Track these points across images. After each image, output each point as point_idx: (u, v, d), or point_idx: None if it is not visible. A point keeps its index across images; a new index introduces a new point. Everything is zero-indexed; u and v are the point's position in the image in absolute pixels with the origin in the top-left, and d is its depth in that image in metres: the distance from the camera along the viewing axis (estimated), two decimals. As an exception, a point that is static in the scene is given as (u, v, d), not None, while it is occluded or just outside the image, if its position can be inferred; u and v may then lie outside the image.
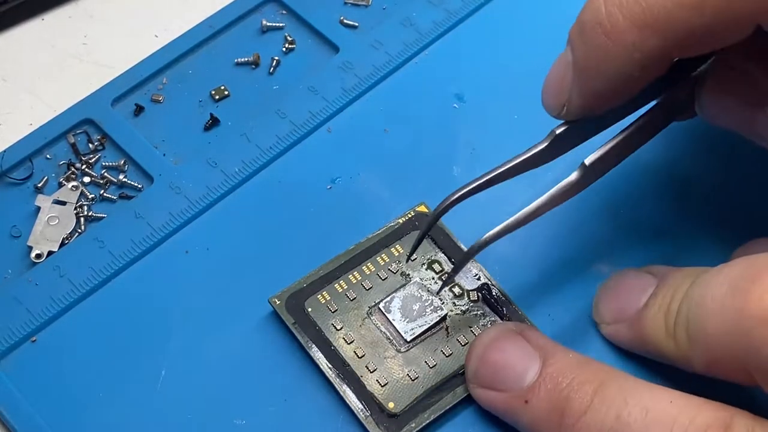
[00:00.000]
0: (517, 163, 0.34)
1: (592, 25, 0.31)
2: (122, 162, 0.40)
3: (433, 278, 0.37)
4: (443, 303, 0.36)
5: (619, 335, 0.35)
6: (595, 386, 0.31)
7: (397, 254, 0.37)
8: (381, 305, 0.36)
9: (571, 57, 0.32)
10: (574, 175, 0.34)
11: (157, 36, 0.44)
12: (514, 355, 0.33)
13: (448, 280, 0.36)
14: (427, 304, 0.36)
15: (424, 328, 0.36)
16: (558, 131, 0.34)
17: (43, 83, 0.43)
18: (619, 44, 0.31)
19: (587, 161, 0.34)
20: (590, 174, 0.34)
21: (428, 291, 0.36)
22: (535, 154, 0.34)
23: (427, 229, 0.35)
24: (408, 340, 0.35)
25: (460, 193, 0.34)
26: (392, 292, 0.36)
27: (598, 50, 0.31)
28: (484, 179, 0.34)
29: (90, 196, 0.40)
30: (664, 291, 0.33)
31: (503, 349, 0.33)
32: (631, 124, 0.34)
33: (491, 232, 0.34)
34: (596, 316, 0.36)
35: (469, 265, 0.37)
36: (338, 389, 0.35)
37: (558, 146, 0.34)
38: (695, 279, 0.31)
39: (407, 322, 0.36)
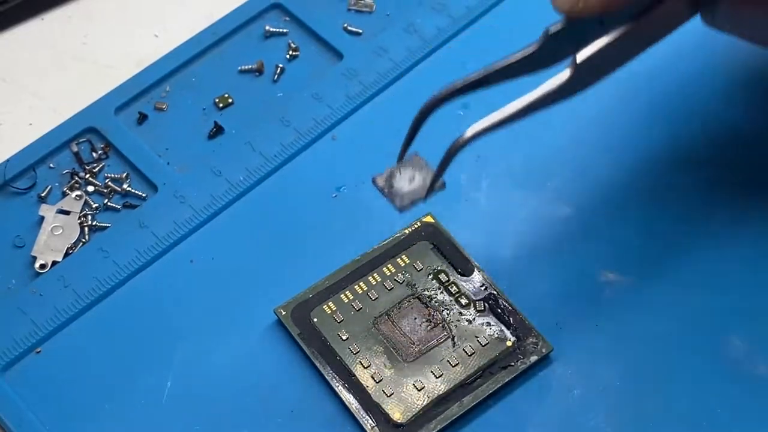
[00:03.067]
0: (509, 64, 0.32)
1: None
2: (125, 174, 0.40)
3: (440, 288, 0.37)
4: (449, 314, 0.36)
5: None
6: None
7: (403, 264, 0.37)
8: (376, 179, 0.34)
9: None
10: (565, 73, 0.32)
11: (157, 36, 0.44)
12: None
13: (434, 182, 0.34)
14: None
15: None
16: (551, 30, 0.32)
17: (43, 83, 0.43)
18: None
19: (578, 57, 0.32)
20: (584, 73, 0.32)
21: (427, 163, 0.35)
22: (526, 56, 0.32)
23: (413, 129, 0.33)
24: (400, 210, 0.34)
25: (448, 91, 0.32)
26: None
27: None
28: (474, 79, 0.32)
29: (94, 206, 0.39)
30: None
31: None
32: (629, 23, 0.32)
33: (477, 127, 0.32)
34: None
35: (475, 274, 0.37)
36: (344, 400, 0.35)
37: (552, 49, 0.32)
38: None
39: (402, 193, 0.34)
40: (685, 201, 0.39)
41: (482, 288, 0.37)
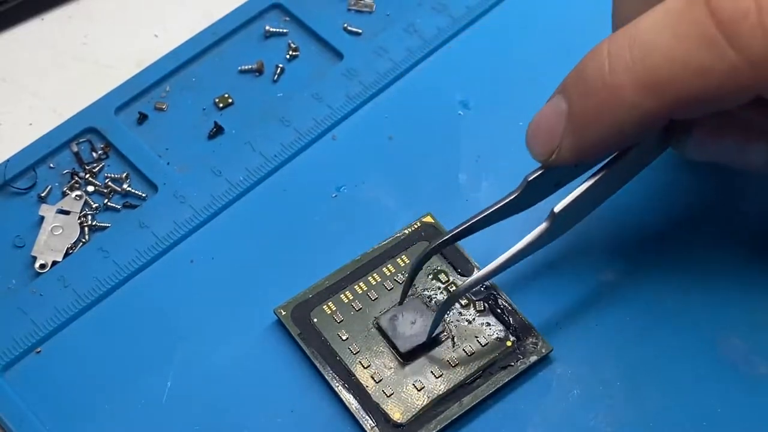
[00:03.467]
0: (493, 211, 0.34)
1: (593, 80, 0.31)
2: (125, 174, 0.40)
3: (439, 288, 0.37)
4: (449, 314, 0.36)
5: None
6: None
7: (403, 265, 0.37)
8: (381, 321, 0.36)
9: (566, 106, 0.32)
10: (544, 225, 0.34)
11: (157, 36, 0.44)
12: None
13: (434, 327, 0.35)
14: (424, 318, 0.36)
15: (422, 341, 0.36)
16: (530, 178, 0.34)
17: (43, 83, 0.43)
18: (618, 102, 0.31)
19: (556, 209, 0.34)
20: (561, 222, 0.34)
21: (427, 306, 0.36)
22: (508, 203, 0.34)
23: (410, 278, 0.36)
24: (402, 353, 0.35)
25: (436, 244, 0.34)
26: (392, 307, 0.36)
27: (596, 104, 0.31)
28: (462, 228, 0.34)
29: (94, 206, 0.39)
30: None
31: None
32: (602, 169, 0.34)
33: (464, 284, 0.34)
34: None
35: (474, 273, 0.37)
36: (344, 400, 0.35)
37: (532, 192, 0.34)
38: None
39: (405, 337, 0.35)
40: (685, 201, 0.39)
41: (482, 288, 0.37)
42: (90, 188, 0.40)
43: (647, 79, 0.30)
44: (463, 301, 0.37)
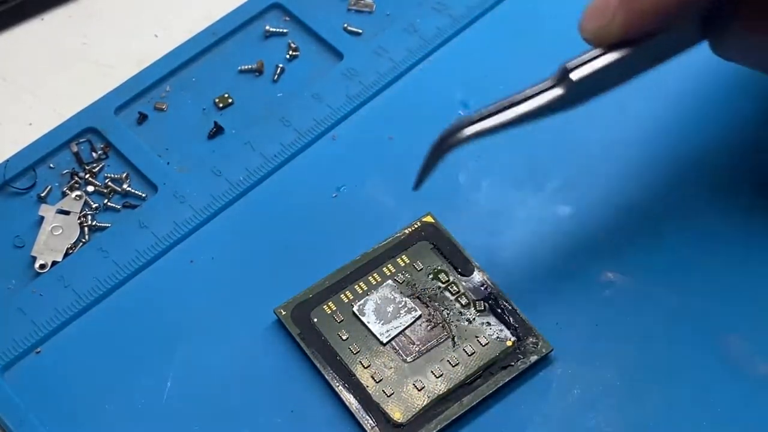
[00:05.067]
0: (530, 111, 0.32)
1: None
2: (125, 174, 0.40)
3: (440, 288, 0.37)
4: (449, 314, 0.36)
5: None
6: None
7: (403, 264, 0.37)
8: (355, 308, 0.36)
9: None
10: (558, 90, 0.32)
11: (157, 36, 0.44)
12: None
13: (418, 181, 0.34)
14: (401, 305, 0.36)
15: (399, 329, 0.36)
16: (575, 77, 0.32)
17: (43, 83, 0.43)
18: None
19: (573, 76, 0.32)
20: (578, 91, 0.32)
21: (401, 293, 0.36)
22: (551, 101, 0.32)
23: (431, 158, 0.33)
24: (384, 342, 0.35)
25: (459, 135, 0.32)
26: (365, 295, 0.36)
27: None
28: (493, 124, 0.32)
29: (94, 206, 0.39)
30: None
31: None
32: (631, 44, 0.32)
33: (462, 133, 0.32)
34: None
35: (475, 274, 0.37)
36: (344, 399, 0.35)
37: (575, 95, 0.32)
38: None
39: (382, 324, 0.36)
40: (686, 200, 0.39)
41: (482, 288, 0.37)
42: (90, 188, 0.40)
43: None
44: (464, 301, 0.37)
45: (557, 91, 0.32)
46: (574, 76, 0.32)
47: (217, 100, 0.42)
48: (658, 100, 0.41)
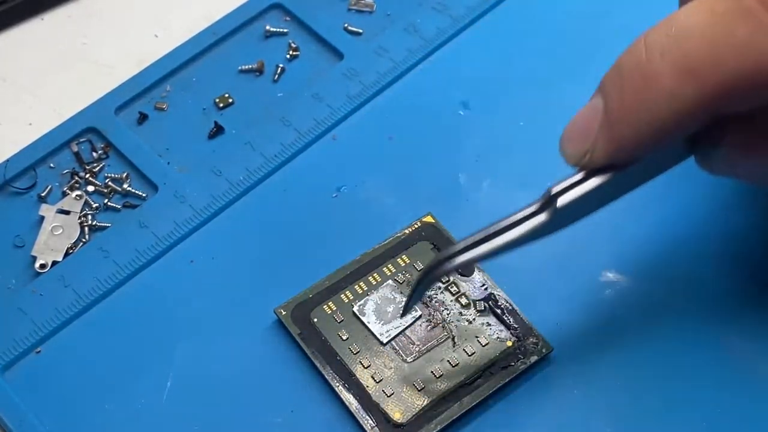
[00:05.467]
0: (515, 239, 0.32)
1: (631, 70, 0.30)
2: (125, 174, 0.40)
3: (440, 288, 0.37)
4: (449, 314, 0.36)
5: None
6: None
7: (403, 264, 0.37)
8: (355, 308, 0.36)
9: (602, 104, 0.30)
10: (543, 216, 0.32)
11: (157, 36, 0.44)
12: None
13: (406, 308, 0.34)
14: (401, 305, 0.36)
15: (400, 329, 0.36)
16: (560, 204, 0.31)
17: (43, 83, 0.43)
18: (656, 91, 0.29)
19: (558, 203, 0.31)
20: (562, 217, 0.32)
21: (401, 293, 0.36)
22: (536, 228, 0.32)
23: (418, 289, 0.33)
24: (384, 342, 0.35)
25: (444, 267, 0.32)
26: (365, 295, 0.36)
27: (633, 97, 0.29)
28: (478, 254, 0.32)
29: (94, 206, 0.39)
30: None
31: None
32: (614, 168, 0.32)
33: (448, 265, 0.32)
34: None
35: (475, 274, 0.37)
36: (344, 400, 0.35)
37: (561, 220, 0.32)
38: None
39: (382, 324, 0.36)
40: (686, 201, 0.39)
41: (482, 288, 0.37)
42: (90, 188, 0.40)
43: (686, 64, 0.29)
44: (464, 301, 0.37)
45: (542, 218, 0.32)
46: (560, 202, 0.31)
47: (217, 100, 0.42)
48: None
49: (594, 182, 0.31)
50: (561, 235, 0.38)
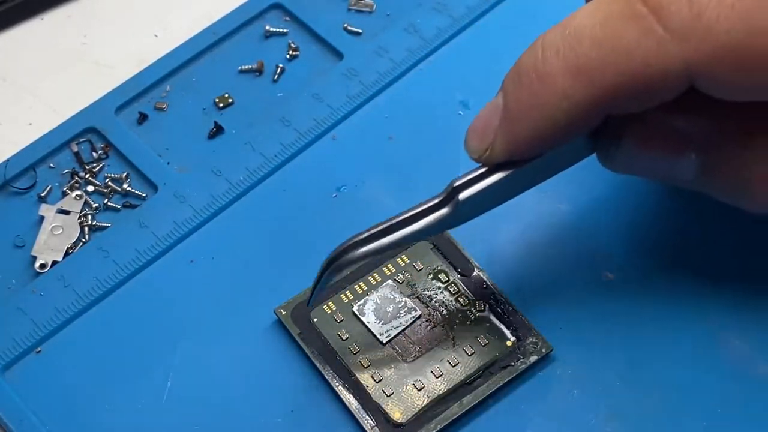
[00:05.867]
0: (418, 230, 0.33)
1: (527, 69, 0.30)
2: (125, 174, 0.40)
3: (440, 288, 0.37)
4: (449, 314, 0.36)
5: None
6: None
7: (403, 264, 0.37)
8: (355, 308, 0.36)
9: (501, 101, 0.32)
10: (446, 209, 0.33)
11: (157, 36, 0.44)
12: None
13: (310, 299, 0.35)
14: (401, 305, 0.36)
15: (399, 329, 0.36)
16: (462, 197, 0.32)
17: (43, 83, 0.43)
18: (550, 90, 0.30)
19: (460, 196, 0.32)
20: (464, 210, 0.33)
21: (401, 293, 0.36)
22: (439, 219, 0.33)
23: (321, 278, 0.34)
24: (384, 342, 0.35)
25: (349, 256, 0.33)
26: (365, 295, 0.36)
27: (529, 95, 0.30)
28: (381, 244, 0.33)
29: (94, 206, 0.39)
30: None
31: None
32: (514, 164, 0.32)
33: (353, 254, 0.33)
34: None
35: (475, 274, 0.37)
36: (344, 400, 0.35)
37: (463, 213, 0.33)
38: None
39: (382, 324, 0.36)
40: (686, 200, 0.39)
41: (482, 288, 0.37)
42: (90, 188, 0.40)
43: (578, 65, 0.29)
44: (464, 301, 0.37)
45: (444, 211, 0.33)
46: (462, 196, 0.32)
47: (217, 100, 0.42)
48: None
49: (495, 177, 0.32)
50: (561, 235, 0.39)
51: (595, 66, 0.29)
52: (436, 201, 0.33)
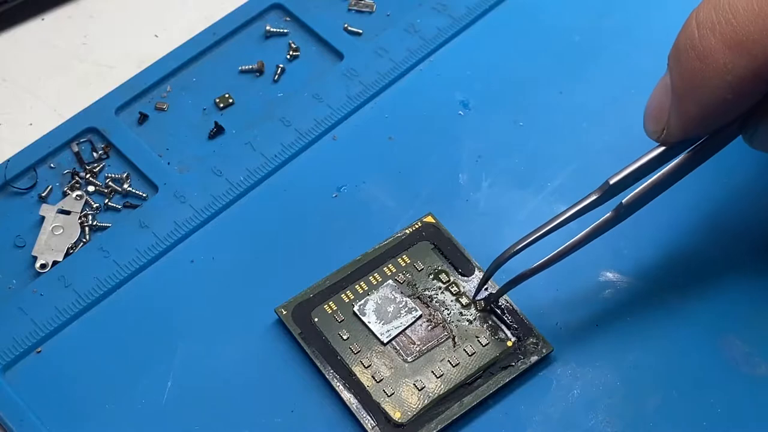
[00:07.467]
0: (569, 215, 0.34)
1: (686, 49, 0.31)
2: (125, 174, 0.40)
3: (440, 288, 0.37)
4: (449, 314, 0.36)
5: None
6: None
7: (404, 264, 0.37)
8: (355, 308, 0.36)
9: (669, 81, 0.32)
10: (609, 213, 0.34)
11: (157, 36, 0.44)
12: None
13: (479, 290, 0.36)
14: (401, 305, 0.36)
15: (400, 329, 0.36)
16: (612, 181, 0.33)
17: (43, 83, 0.43)
18: (711, 66, 0.30)
19: (624, 200, 0.34)
20: (628, 211, 0.34)
21: (401, 293, 0.36)
22: (586, 205, 0.34)
23: (489, 275, 0.36)
24: (384, 342, 0.36)
25: (516, 248, 0.35)
26: (365, 295, 0.36)
27: (692, 73, 0.31)
28: (539, 233, 0.34)
29: (94, 206, 0.39)
30: None
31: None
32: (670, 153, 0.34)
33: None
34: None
35: (475, 274, 0.37)
36: (345, 399, 0.35)
37: (610, 195, 0.34)
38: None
39: (382, 324, 0.36)
40: (686, 201, 0.39)
41: (484, 288, 0.37)
42: (90, 188, 0.40)
43: (735, 37, 0.30)
44: (464, 301, 0.37)
45: (608, 215, 0.34)
46: (626, 200, 0.34)
47: (217, 100, 0.42)
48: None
49: (655, 176, 0.34)
50: (559, 233, 0.38)
51: (753, 37, 0.30)
52: (593, 198, 0.34)
